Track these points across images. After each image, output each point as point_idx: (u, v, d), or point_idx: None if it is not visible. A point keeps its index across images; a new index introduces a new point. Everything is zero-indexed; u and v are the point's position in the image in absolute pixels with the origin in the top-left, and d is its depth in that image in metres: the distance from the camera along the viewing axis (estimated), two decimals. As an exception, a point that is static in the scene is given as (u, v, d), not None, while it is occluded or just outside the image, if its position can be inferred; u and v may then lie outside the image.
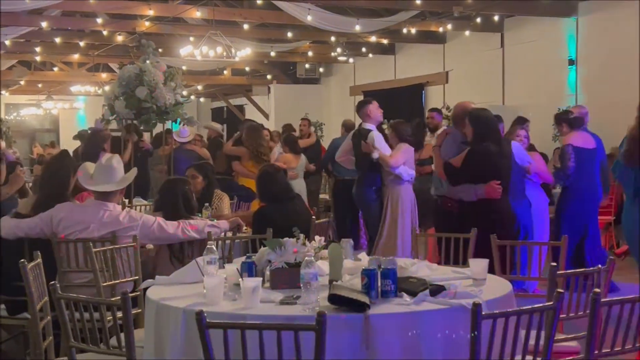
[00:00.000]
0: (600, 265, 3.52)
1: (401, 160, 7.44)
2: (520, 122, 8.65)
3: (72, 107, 23.72)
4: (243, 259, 3.85)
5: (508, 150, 6.03)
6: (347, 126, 11.06)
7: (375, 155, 7.38)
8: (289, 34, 14.79)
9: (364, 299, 3.13)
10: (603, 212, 10.14)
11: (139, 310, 4.28)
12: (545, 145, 11.81)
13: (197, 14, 13.16)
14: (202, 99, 24.62)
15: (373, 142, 7.48)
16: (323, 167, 10.93)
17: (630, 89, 12.19)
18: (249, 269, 3.65)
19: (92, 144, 9.22)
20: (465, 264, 4.53)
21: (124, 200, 6.65)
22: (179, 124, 6.50)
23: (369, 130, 7.61)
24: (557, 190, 8.35)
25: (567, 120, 8.02)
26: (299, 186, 9.61)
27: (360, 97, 19.45)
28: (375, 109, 7.83)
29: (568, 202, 7.51)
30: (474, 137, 5.70)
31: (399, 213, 7.45)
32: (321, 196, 12.14)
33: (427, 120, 9.20)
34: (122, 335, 3.18)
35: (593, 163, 7.66)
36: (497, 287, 3.54)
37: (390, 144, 7.71)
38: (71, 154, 11.49)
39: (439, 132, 6.39)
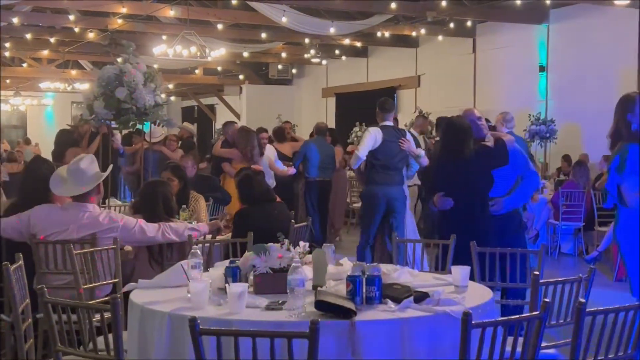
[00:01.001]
0: (580, 275, 3.59)
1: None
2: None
3: (40, 104, 23.45)
4: (226, 263, 3.85)
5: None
6: (318, 129, 11.08)
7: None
8: (263, 35, 14.80)
9: (350, 305, 3.15)
10: (572, 219, 10.30)
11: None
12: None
13: (170, 12, 13.11)
14: (172, 98, 24.49)
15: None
16: (296, 167, 10.93)
17: (598, 96, 12.40)
18: (233, 274, 3.65)
19: (60, 142, 9.19)
20: (444, 270, 4.59)
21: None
22: (156, 124, 6.45)
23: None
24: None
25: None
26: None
27: (333, 99, 19.56)
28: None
29: None
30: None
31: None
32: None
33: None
34: (101, 338, 3.17)
35: None
36: (478, 295, 3.59)
37: None
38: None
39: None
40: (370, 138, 7.56)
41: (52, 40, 15.72)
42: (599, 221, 9.98)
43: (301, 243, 3.82)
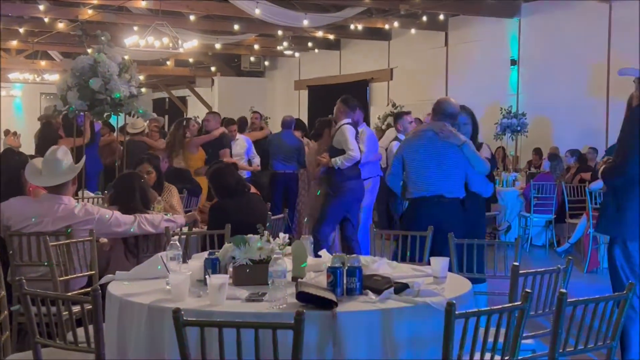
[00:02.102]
0: (559, 265, 3.62)
1: None
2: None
3: (8, 95, 23.11)
4: (204, 255, 3.83)
5: None
6: (283, 122, 11.09)
7: None
8: (235, 27, 14.72)
9: (331, 296, 3.15)
10: (543, 211, 10.41)
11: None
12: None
13: (142, 3, 12.98)
14: (143, 90, 24.19)
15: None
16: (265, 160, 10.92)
17: (569, 90, 12.54)
18: (212, 266, 3.63)
19: (48, 135, 9.11)
20: (422, 261, 4.61)
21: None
22: (131, 115, 6.39)
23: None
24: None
25: None
26: None
27: (305, 92, 19.55)
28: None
29: None
30: (475, 134, 5.84)
31: None
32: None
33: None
34: (80, 330, 3.14)
35: None
36: (457, 286, 3.61)
37: None
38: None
39: (443, 127, 6.06)
40: (352, 135, 7.73)
41: (21, 30, 15.50)
42: (570, 213, 10.10)
43: (281, 234, 3.81)
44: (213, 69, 20.64)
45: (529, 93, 13.82)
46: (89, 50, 6.53)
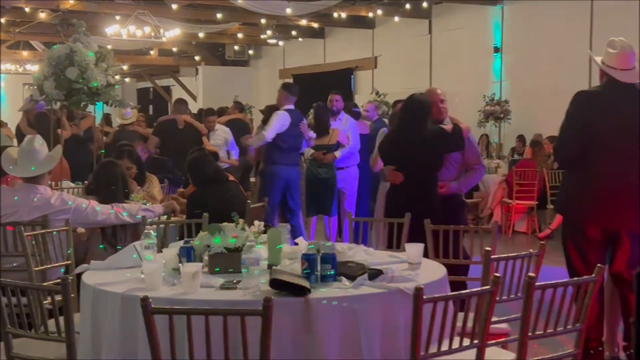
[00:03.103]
0: (532, 250, 3.64)
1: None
2: None
3: (-10, 85, 22.95)
4: (181, 243, 3.82)
5: None
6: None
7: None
8: (219, 15, 14.65)
9: (305, 283, 3.16)
10: (525, 197, 10.46)
11: (72, 295, 4.21)
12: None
13: (124, -8, 12.91)
14: (127, 79, 24.15)
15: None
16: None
17: (552, 77, 12.58)
18: (187, 254, 3.63)
19: (40, 128, 9.04)
20: (400, 248, 4.62)
21: (50, 182, 6.50)
22: (109, 104, 6.34)
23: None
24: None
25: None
26: None
27: (290, 80, 19.48)
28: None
29: None
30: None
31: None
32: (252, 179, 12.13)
33: (330, 104, 8.87)
34: (53, 320, 3.13)
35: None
36: (432, 271, 3.62)
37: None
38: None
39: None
40: (279, 120, 7.80)
41: (2, 20, 15.36)
42: (552, 200, 10.15)
43: (256, 222, 3.80)
44: (197, 58, 20.56)
45: (512, 80, 13.85)
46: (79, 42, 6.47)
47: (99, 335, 3.28)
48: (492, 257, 3.53)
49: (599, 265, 2.88)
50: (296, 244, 4.04)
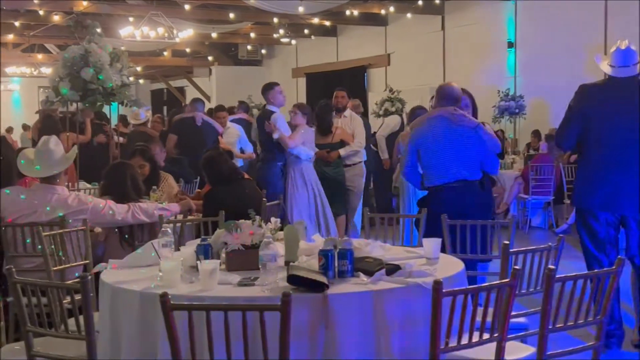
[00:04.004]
0: (550, 244, 3.62)
1: (299, 140, 7.83)
2: None
3: (6, 89, 23.09)
4: (198, 241, 3.83)
5: None
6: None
7: (276, 135, 7.82)
8: (231, 15, 14.66)
9: (322, 279, 3.16)
10: (542, 192, 10.40)
11: (91, 295, 4.22)
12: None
13: (137, -7, 12.94)
14: (141, 81, 24.24)
15: (275, 123, 7.89)
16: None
17: (566, 71, 12.48)
18: (205, 252, 3.64)
19: (48, 127, 9.10)
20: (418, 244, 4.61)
21: (67, 183, 6.53)
22: (123, 104, 6.37)
23: (272, 112, 8.05)
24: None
25: None
26: None
27: (303, 79, 19.51)
28: (277, 94, 8.22)
29: None
30: (474, 115, 5.77)
31: (295, 189, 7.89)
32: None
33: (335, 101, 8.77)
34: (73, 319, 3.14)
35: None
36: (450, 266, 3.61)
37: (296, 125, 8.06)
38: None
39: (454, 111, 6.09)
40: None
41: (17, 23, 15.45)
42: (568, 194, 10.08)
43: (272, 219, 3.81)
44: (210, 58, 20.59)
45: (526, 75, 13.77)
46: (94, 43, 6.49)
47: (118, 334, 3.29)
48: (511, 250, 3.51)
49: (619, 257, 2.86)
50: (313, 240, 4.05)
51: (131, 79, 6.39)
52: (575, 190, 5.05)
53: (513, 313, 3.69)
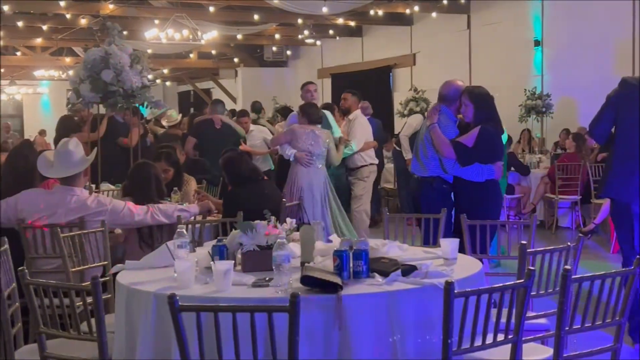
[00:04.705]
0: (569, 243, 3.56)
1: (278, 140, 7.80)
2: None
3: (35, 92, 23.39)
4: (214, 242, 3.82)
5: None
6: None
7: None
8: (256, 17, 14.68)
9: (336, 280, 3.13)
10: (569, 192, 10.27)
11: (109, 296, 4.25)
12: (512, 127, 11.89)
13: (161, -5, 13.02)
14: (168, 83, 24.40)
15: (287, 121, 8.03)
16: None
17: (594, 69, 12.33)
18: (220, 252, 3.62)
19: (63, 128, 9.16)
20: (435, 244, 4.56)
21: (90, 185, 6.58)
22: (144, 105, 6.41)
23: (290, 111, 8.26)
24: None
25: None
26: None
27: (328, 80, 19.48)
28: (305, 92, 8.20)
29: None
30: (478, 116, 5.59)
31: (292, 192, 7.56)
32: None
33: (341, 102, 8.60)
34: (92, 320, 3.15)
35: None
36: (468, 266, 3.56)
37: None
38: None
39: (429, 109, 6.23)
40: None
41: (45, 27, 15.62)
42: (595, 194, 9.94)
43: (288, 220, 3.79)
44: (236, 60, 20.66)
45: (553, 73, 13.62)
46: (114, 45, 6.53)
47: (133, 334, 3.28)
48: (528, 250, 3.45)
49: (638, 257, 2.79)
50: (330, 241, 4.03)
51: (158, 81, 6.42)
52: (607, 181, 5.07)
53: (533, 314, 3.64)
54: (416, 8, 14.54)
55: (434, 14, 15.08)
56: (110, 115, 8.74)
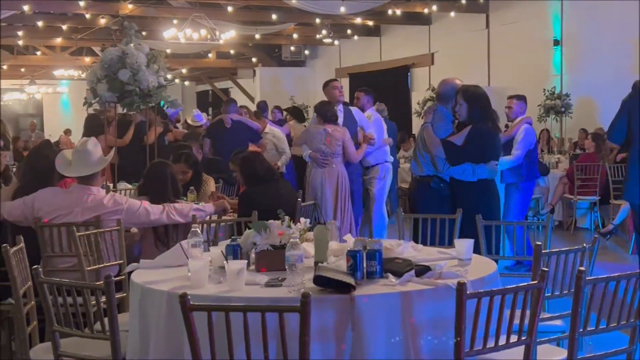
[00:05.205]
0: (585, 244, 3.53)
1: (299, 140, 7.77)
2: None
3: (55, 92, 23.57)
4: (228, 241, 3.82)
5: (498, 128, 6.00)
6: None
7: None
8: (274, 16, 14.70)
9: (349, 280, 3.12)
10: (588, 192, 10.19)
11: (124, 294, 4.26)
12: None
13: (180, -5, 13.07)
14: (186, 83, 24.49)
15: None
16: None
17: (614, 68, 12.23)
18: (233, 252, 3.62)
19: (88, 127, 9.25)
20: (450, 244, 4.53)
21: (108, 184, 6.61)
22: (161, 105, 6.45)
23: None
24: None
25: None
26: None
27: (346, 80, 19.46)
28: (331, 89, 8.06)
29: None
30: (472, 115, 5.53)
31: (309, 192, 7.57)
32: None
33: (354, 101, 8.50)
34: (105, 319, 3.16)
35: None
36: (482, 267, 3.54)
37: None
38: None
39: (425, 108, 6.31)
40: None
41: (64, 27, 15.73)
42: (614, 194, 9.85)
43: (302, 219, 3.78)
44: (254, 60, 20.70)
45: (573, 73, 13.53)
46: (131, 44, 6.57)
47: (146, 333, 3.30)
48: (543, 252, 3.42)
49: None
50: (344, 241, 4.02)
51: (177, 81, 6.46)
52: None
53: (548, 315, 3.62)
54: (434, 7, 14.50)
55: (452, 14, 15.03)
56: (137, 122, 8.83)
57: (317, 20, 15.31)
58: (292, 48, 19.62)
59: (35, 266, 3.09)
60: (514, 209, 7.47)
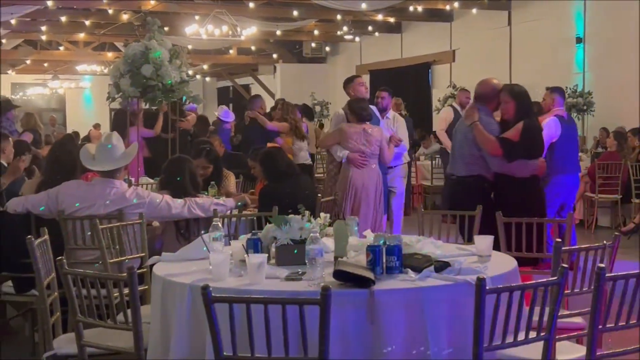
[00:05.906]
0: (605, 242, 3.52)
1: (329, 141, 7.43)
2: None
3: (78, 87, 23.74)
4: (249, 236, 3.86)
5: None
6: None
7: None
8: (295, 13, 14.73)
9: (369, 274, 3.14)
10: (609, 191, 10.13)
11: (146, 287, 4.31)
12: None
13: (203, -9, 13.12)
14: (207, 79, 24.58)
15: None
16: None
17: (636, 68, 12.13)
18: (254, 246, 3.66)
19: (116, 123, 9.34)
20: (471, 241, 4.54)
21: (130, 178, 6.67)
22: (183, 100, 6.49)
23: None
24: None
25: None
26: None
27: (367, 76, 19.45)
28: (356, 85, 7.75)
29: None
30: (519, 113, 5.63)
31: (346, 194, 7.18)
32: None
33: (376, 101, 8.21)
34: (128, 310, 3.20)
35: None
36: (502, 264, 3.55)
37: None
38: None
39: (466, 110, 6.23)
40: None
41: (87, 22, 15.85)
42: (636, 193, 9.80)
43: (322, 214, 3.81)
44: (275, 56, 20.74)
45: (595, 71, 13.44)
46: (154, 40, 6.62)
47: (168, 325, 3.33)
48: (563, 249, 3.42)
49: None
50: (364, 236, 4.03)
51: (198, 77, 6.51)
52: None
53: (568, 312, 3.62)
54: (456, 4, 14.45)
55: (474, 11, 14.98)
56: (165, 111, 8.88)
57: (338, 17, 15.32)
58: (313, 44, 19.64)
59: (60, 257, 3.13)
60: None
